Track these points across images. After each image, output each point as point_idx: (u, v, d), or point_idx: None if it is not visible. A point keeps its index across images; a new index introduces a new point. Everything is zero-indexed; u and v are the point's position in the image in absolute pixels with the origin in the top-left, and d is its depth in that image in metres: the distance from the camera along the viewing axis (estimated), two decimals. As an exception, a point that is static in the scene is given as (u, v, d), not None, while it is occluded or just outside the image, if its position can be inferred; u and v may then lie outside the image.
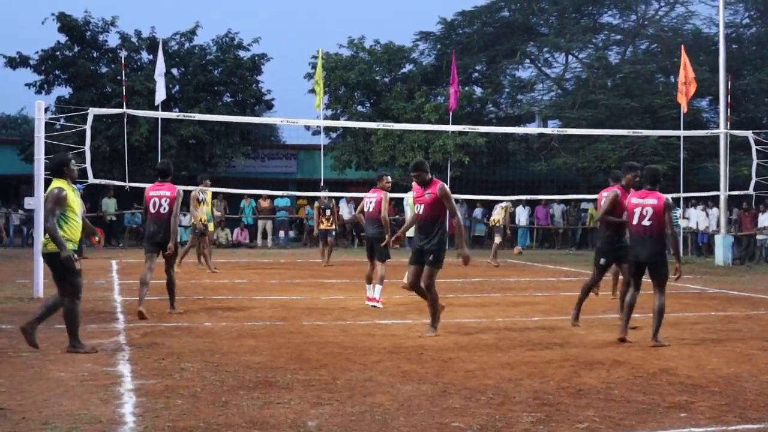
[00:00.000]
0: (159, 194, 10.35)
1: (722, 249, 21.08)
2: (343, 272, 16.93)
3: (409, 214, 13.39)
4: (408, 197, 13.48)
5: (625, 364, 7.41)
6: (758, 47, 31.22)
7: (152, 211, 10.34)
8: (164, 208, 10.24)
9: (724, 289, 14.71)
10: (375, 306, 11.18)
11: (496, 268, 18.80)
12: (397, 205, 27.01)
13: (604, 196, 12.23)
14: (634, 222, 8.67)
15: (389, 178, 11.82)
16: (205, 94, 28.59)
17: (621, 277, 10.37)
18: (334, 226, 19.09)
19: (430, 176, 9.00)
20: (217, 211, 26.94)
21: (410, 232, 13.37)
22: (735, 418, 5.69)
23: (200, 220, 16.54)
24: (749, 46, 31.81)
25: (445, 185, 8.95)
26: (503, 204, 20.08)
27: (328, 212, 18.87)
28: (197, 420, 5.41)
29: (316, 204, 19.35)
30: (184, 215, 21.02)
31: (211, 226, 17.18)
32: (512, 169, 28.77)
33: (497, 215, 20.04)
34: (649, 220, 8.54)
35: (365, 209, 11.65)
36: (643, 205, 8.63)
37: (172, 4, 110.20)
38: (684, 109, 23.10)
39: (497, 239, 19.97)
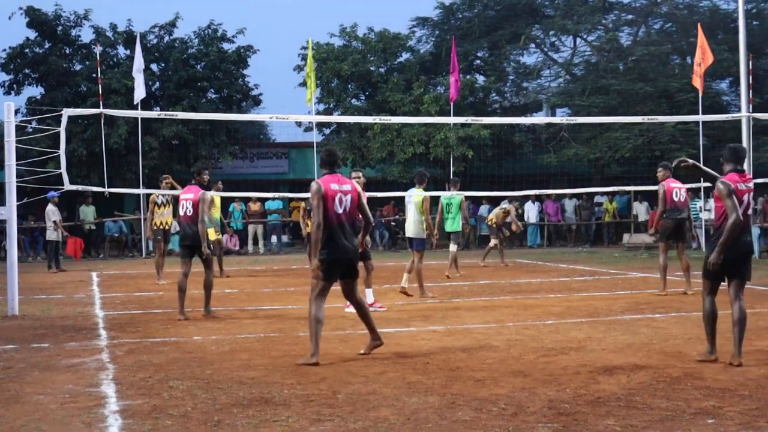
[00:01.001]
0: (186, 197, 11.28)
1: (748, 241, 21.02)
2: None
3: (411, 213, 13.34)
4: (411, 194, 13.49)
5: (646, 368, 7.41)
6: (781, 23, 31.22)
7: (180, 214, 11.34)
8: (189, 211, 11.14)
9: (751, 284, 14.62)
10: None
11: (484, 267, 19.13)
12: (397, 204, 27.05)
13: (674, 189, 12.82)
14: (741, 212, 7.68)
15: (360, 174, 11.91)
16: (188, 90, 28.60)
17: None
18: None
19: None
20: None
21: (409, 232, 13.43)
22: (767, 423, 5.69)
23: (160, 225, 16.61)
24: (771, 23, 31.79)
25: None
26: (504, 206, 20.40)
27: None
28: (188, 441, 5.40)
29: (302, 205, 19.18)
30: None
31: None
32: (519, 162, 28.78)
33: (492, 215, 20.40)
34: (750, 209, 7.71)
35: None
36: (748, 191, 7.79)
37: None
38: (700, 90, 23.10)
39: (492, 241, 20.26)
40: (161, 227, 16.62)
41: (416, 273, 13.11)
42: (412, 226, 13.23)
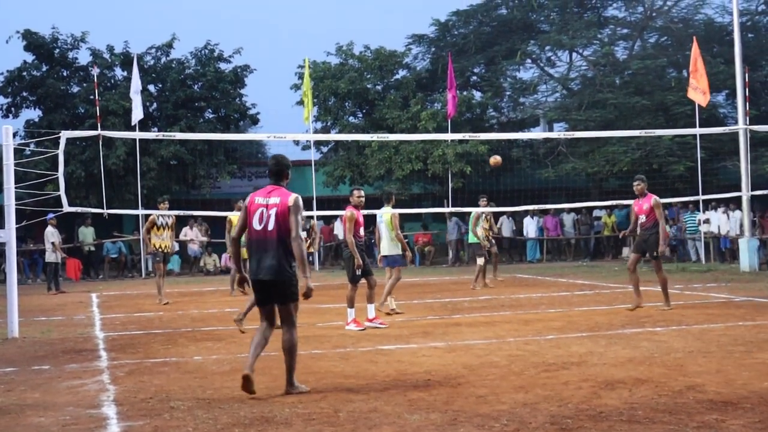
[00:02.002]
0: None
1: (747, 254, 21.07)
2: (340, 296, 16.88)
3: (383, 232, 13.48)
4: (381, 214, 13.60)
5: (648, 382, 7.40)
6: (775, 36, 31.38)
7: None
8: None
9: (752, 296, 14.70)
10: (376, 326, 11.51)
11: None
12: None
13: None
14: None
15: (362, 192, 12.38)
16: (185, 111, 28.68)
17: None
18: (313, 248, 18.89)
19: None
20: (202, 236, 27.07)
21: (384, 250, 13.44)
22: (769, 435, 5.68)
23: (160, 247, 16.55)
24: (766, 35, 31.95)
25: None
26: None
27: (303, 234, 18.33)
28: (190, 462, 5.39)
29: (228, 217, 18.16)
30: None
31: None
32: (517, 177, 28.80)
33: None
34: None
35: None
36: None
37: (146, 16, 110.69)
38: (700, 102, 23.15)
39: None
40: (161, 250, 16.61)
41: (389, 288, 13.38)
42: (386, 244, 13.39)
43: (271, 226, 7.31)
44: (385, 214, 13.51)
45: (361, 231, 12.18)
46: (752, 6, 32.17)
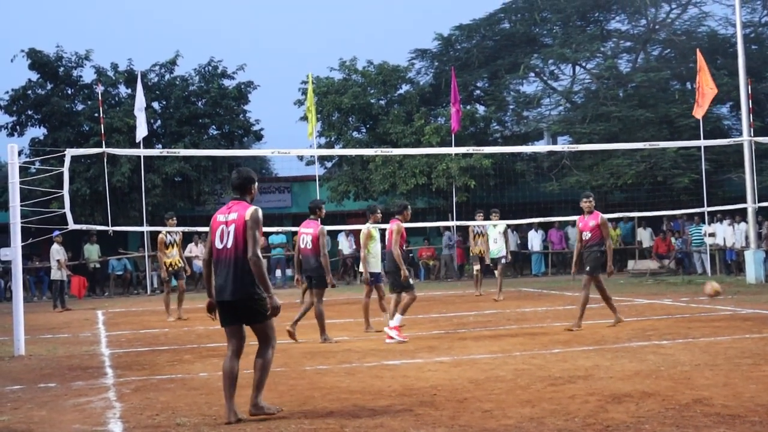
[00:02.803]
0: (305, 231, 12.18)
1: (753, 266, 21.03)
2: (345, 311, 16.91)
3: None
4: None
5: (655, 395, 7.39)
6: (779, 47, 31.39)
7: (301, 246, 12.27)
8: (308, 244, 12.07)
9: (759, 308, 14.67)
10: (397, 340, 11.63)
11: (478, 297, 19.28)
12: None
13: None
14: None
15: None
16: (190, 127, 28.77)
17: None
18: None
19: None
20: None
21: (375, 267, 13.31)
22: (777, 448, 5.67)
23: (170, 266, 16.52)
24: (770, 47, 31.98)
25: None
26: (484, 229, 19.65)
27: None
28: (196, 479, 5.39)
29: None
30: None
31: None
32: (521, 191, 28.82)
33: (481, 246, 19.83)
34: None
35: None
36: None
37: (150, 34, 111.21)
38: (699, 113, 23.15)
39: (475, 267, 20.33)
40: (171, 268, 16.60)
41: (364, 306, 13.28)
42: (375, 261, 13.31)
43: (230, 244, 6.99)
44: (373, 230, 13.56)
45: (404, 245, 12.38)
46: (755, 18, 32.21)
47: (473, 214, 20.46)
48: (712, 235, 25.19)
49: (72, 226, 13.85)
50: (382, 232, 13.49)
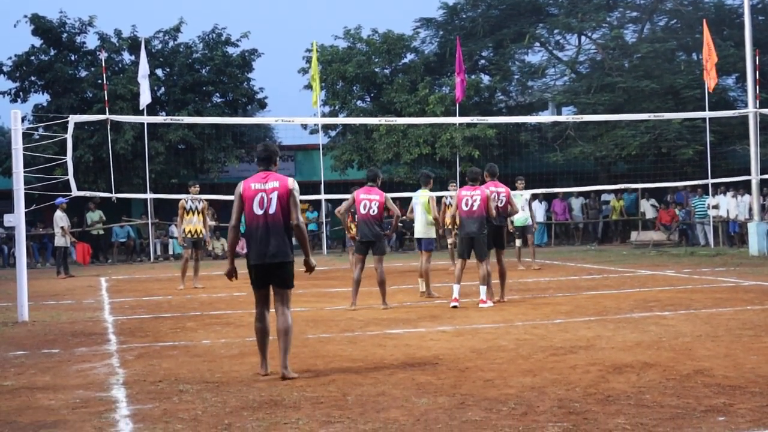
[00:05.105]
0: (369, 197, 11.97)
1: (756, 238, 21.01)
2: (347, 280, 16.90)
3: (418, 214, 13.67)
4: (417, 196, 13.85)
5: (656, 366, 7.41)
6: (786, 18, 31.12)
7: (362, 212, 12.03)
8: (373, 211, 11.93)
9: (761, 281, 14.67)
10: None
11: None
12: (404, 205, 27.02)
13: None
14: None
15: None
16: (193, 95, 28.66)
17: None
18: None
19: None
20: (210, 221, 27.07)
21: (418, 233, 13.68)
22: (777, 419, 5.68)
23: (189, 232, 16.40)
24: (777, 18, 31.71)
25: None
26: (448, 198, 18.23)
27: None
28: (199, 445, 5.42)
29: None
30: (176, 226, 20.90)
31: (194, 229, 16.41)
32: (525, 161, 28.72)
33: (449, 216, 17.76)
34: None
35: (465, 207, 12.20)
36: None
37: (154, 0, 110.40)
38: (710, 88, 23.08)
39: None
40: (190, 235, 16.44)
41: (425, 273, 13.31)
42: (421, 227, 13.55)
43: (272, 210, 7.45)
44: (422, 197, 13.72)
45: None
46: (763, -12, 31.91)
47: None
48: (715, 207, 25.16)
49: (76, 192, 13.83)
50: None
